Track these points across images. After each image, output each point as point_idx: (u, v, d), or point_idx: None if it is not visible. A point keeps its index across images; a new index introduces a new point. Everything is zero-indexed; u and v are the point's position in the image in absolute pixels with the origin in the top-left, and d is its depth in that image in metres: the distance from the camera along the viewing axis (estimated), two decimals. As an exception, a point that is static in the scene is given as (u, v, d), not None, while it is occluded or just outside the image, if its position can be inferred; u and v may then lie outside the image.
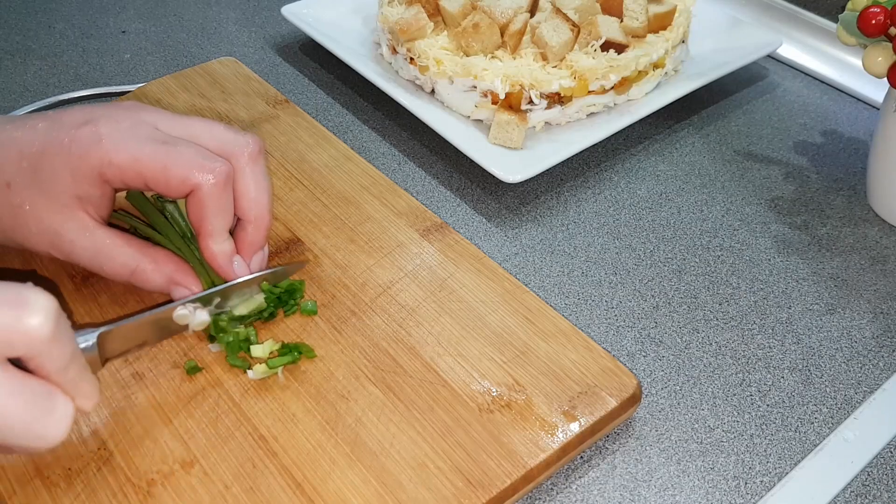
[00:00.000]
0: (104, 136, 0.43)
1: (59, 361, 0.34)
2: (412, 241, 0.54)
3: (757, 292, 0.55)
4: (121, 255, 0.45)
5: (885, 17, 0.54)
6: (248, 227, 0.47)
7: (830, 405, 0.49)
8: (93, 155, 0.43)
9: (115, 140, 0.43)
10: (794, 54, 0.78)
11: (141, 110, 0.46)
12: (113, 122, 0.44)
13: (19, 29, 0.81)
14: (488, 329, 0.49)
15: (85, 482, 0.41)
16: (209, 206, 0.44)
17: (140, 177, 0.44)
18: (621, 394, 0.45)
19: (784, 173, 0.66)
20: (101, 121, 0.44)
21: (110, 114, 0.45)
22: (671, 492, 0.44)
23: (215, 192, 0.44)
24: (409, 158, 0.66)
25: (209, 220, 0.45)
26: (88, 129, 0.43)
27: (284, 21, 0.80)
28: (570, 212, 0.61)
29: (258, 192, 0.46)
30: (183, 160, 0.43)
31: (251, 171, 0.46)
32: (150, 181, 0.44)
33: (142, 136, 0.44)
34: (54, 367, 0.34)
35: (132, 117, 0.45)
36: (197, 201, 0.44)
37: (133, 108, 0.46)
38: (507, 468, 0.42)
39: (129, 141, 0.43)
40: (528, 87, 0.63)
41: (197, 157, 0.44)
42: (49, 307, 0.33)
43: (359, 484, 0.41)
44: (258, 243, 0.48)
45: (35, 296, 0.33)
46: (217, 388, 0.45)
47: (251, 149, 0.46)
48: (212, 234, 0.45)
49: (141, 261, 0.46)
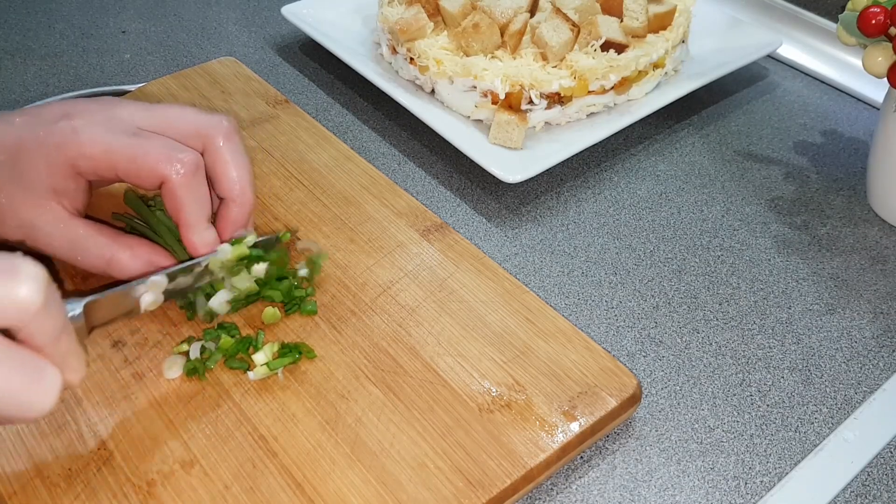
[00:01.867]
0: (79, 129, 0.44)
1: (48, 332, 0.34)
2: (412, 241, 0.54)
3: (757, 292, 0.55)
4: (95, 246, 0.46)
5: (885, 17, 0.54)
6: (231, 205, 0.47)
7: (830, 405, 0.49)
8: (68, 147, 0.44)
9: (89, 133, 0.44)
10: (794, 54, 0.78)
11: (116, 105, 0.47)
12: (88, 115, 0.45)
13: (19, 29, 0.81)
14: (488, 329, 0.49)
15: (85, 482, 0.41)
16: (181, 197, 0.45)
17: (112, 168, 0.44)
18: (621, 394, 0.45)
19: (784, 173, 0.66)
20: (76, 115, 0.45)
21: (86, 108, 0.46)
22: (671, 492, 0.44)
23: (184, 183, 0.45)
24: (409, 158, 0.66)
25: (184, 211, 0.45)
26: (64, 124, 0.44)
27: (284, 21, 0.80)
28: (570, 212, 0.61)
29: (237, 169, 0.47)
30: (152, 153, 0.44)
31: (228, 149, 0.47)
32: (122, 173, 0.45)
33: (115, 129, 0.45)
34: (44, 337, 0.34)
35: (107, 111, 0.46)
36: (169, 192, 0.45)
37: (109, 102, 0.47)
38: (507, 468, 0.42)
39: (102, 134, 0.44)
40: (528, 87, 0.63)
41: (165, 148, 0.45)
42: (39, 277, 0.32)
43: (359, 484, 0.41)
44: (241, 222, 0.48)
45: (25, 265, 0.32)
46: (217, 388, 0.45)
47: (225, 128, 0.47)
48: (189, 225, 0.46)
49: (116, 249, 0.46)
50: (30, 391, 0.33)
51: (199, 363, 0.46)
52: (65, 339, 0.35)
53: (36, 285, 0.32)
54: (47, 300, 0.33)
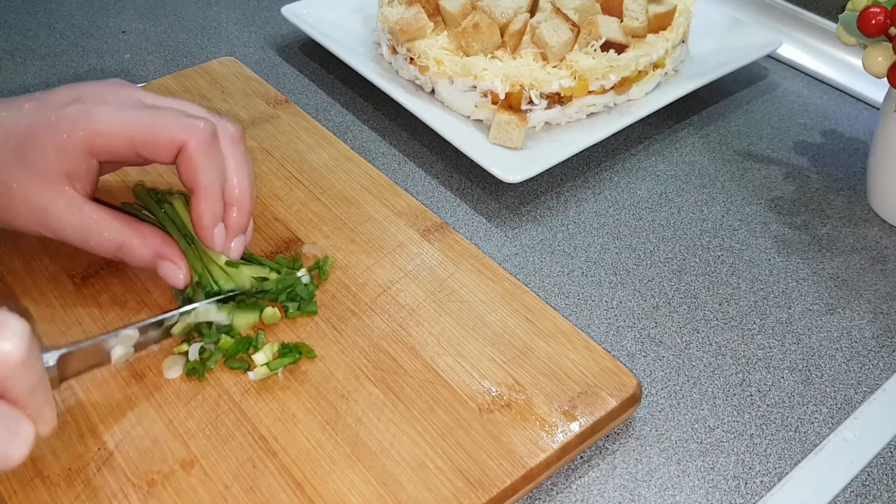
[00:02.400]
0: (91, 111, 0.44)
1: (27, 385, 0.34)
2: (412, 241, 0.54)
3: (757, 292, 0.55)
4: (109, 230, 0.46)
5: (885, 17, 0.54)
6: (231, 209, 0.48)
7: (830, 405, 0.49)
8: (81, 128, 0.44)
9: (101, 112, 0.44)
10: (794, 54, 0.78)
11: (125, 86, 0.48)
12: (98, 96, 0.46)
13: (19, 29, 0.81)
14: (488, 329, 0.49)
15: (85, 482, 0.41)
16: (198, 163, 0.45)
17: (130, 142, 0.45)
18: (621, 394, 0.45)
19: (784, 173, 0.66)
20: (86, 97, 0.45)
21: (96, 90, 0.46)
22: (671, 492, 0.44)
23: (203, 148, 0.45)
24: (409, 158, 0.66)
25: (200, 177, 0.46)
26: (75, 107, 0.45)
27: (284, 21, 0.80)
28: (570, 212, 0.61)
29: (238, 174, 0.47)
30: (169, 120, 0.45)
31: (231, 152, 0.47)
32: (139, 145, 0.45)
33: (127, 105, 0.45)
34: (22, 390, 0.34)
35: (118, 92, 0.47)
36: (186, 159, 0.45)
37: (118, 84, 0.48)
38: (507, 468, 0.42)
39: (115, 111, 0.45)
40: (528, 87, 0.63)
41: (182, 116, 0.45)
42: (23, 332, 0.33)
43: (359, 484, 0.41)
44: (240, 227, 0.48)
45: (11, 320, 0.33)
46: (217, 388, 0.45)
47: (231, 133, 0.48)
48: (203, 190, 0.46)
49: (128, 235, 0.46)
50: (7, 445, 0.33)
51: (199, 363, 0.46)
52: (41, 392, 0.35)
53: (20, 340, 0.33)
54: (29, 355, 0.33)
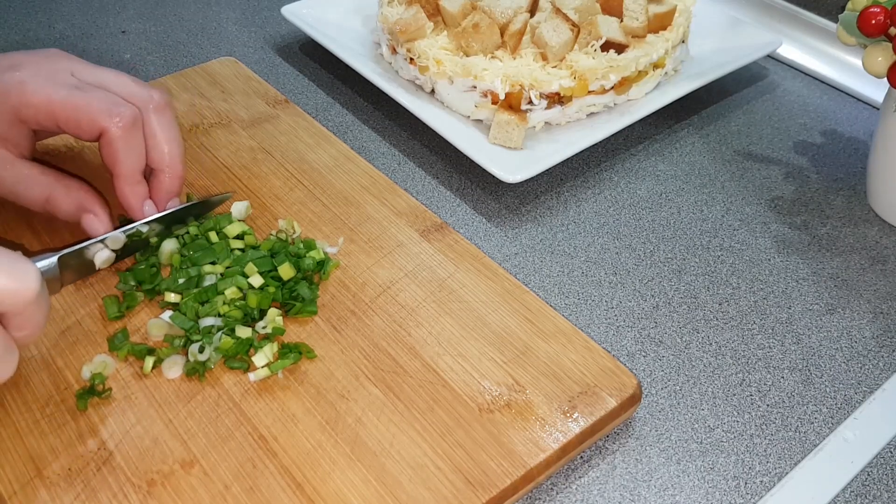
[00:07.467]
0: (25, 80, 0.47)
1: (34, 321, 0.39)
2: (412, 241, 0.54)
3: (757, 292, 0.55)
4: (37, 184, 0.50)
5: (885, 17, 0.54)
6: (161, 175, 0.51)
7: (830, 405, 0.49)
8: (13, 97, 0.47)
9: (33, 84, 0.47)
10: (794, 54, 0.78)
11: (61, 57, 0.50)
12: (34, 66, 0.48)
13: (19, 29, 0.81)
14: (488, 329, 0.49)
15: (85, 482, 0.41)
16: (118, 148, 0.48)
17: (53, 118, 0.48)
18: (621, 394, 0.45)
19: (784, 173, 0.66)
20: (23, 66, 0.48)
21: (33, 59, 0.49)
22: (671, 492, 0.44)
23: (122, 135, 0.48)
24: (409, 158, 0.66)
25: (119, 162, 0.49)
26: (10, 75, 0.48)
27: (284, 21, 0.80)
28: (570, 212, 0.61)
29: (167, 141, 0.50)
30: (93, 105, 0.47)
31: (157, 121, 0.50)
32: (62, 123, 0.48)
33: (59, 81, 0.48)
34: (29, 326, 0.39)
35: (52, 64, 0.49)
36: (106, 143, 0.48)
37: (54, 55, 0.50)
38: (507, 468, 0.42)
39: (46, 85, 0.47)
40: (528, 87, 0.63)
41: (105, 102, 0.48)
42: (38, 275, 0.38)
43: (359, 484, 0.41)
44: (172, 192, 0.51)
45: (27, 263, 0.38)
46: (217, 388, 0.45)
47: (156, 101, 0.50)
48: (123, 175, 0.49)
49: (55, 187, 0.50)
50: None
51: (199, 363, 0.46)
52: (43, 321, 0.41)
53: (36, 277, 0.38)
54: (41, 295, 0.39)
